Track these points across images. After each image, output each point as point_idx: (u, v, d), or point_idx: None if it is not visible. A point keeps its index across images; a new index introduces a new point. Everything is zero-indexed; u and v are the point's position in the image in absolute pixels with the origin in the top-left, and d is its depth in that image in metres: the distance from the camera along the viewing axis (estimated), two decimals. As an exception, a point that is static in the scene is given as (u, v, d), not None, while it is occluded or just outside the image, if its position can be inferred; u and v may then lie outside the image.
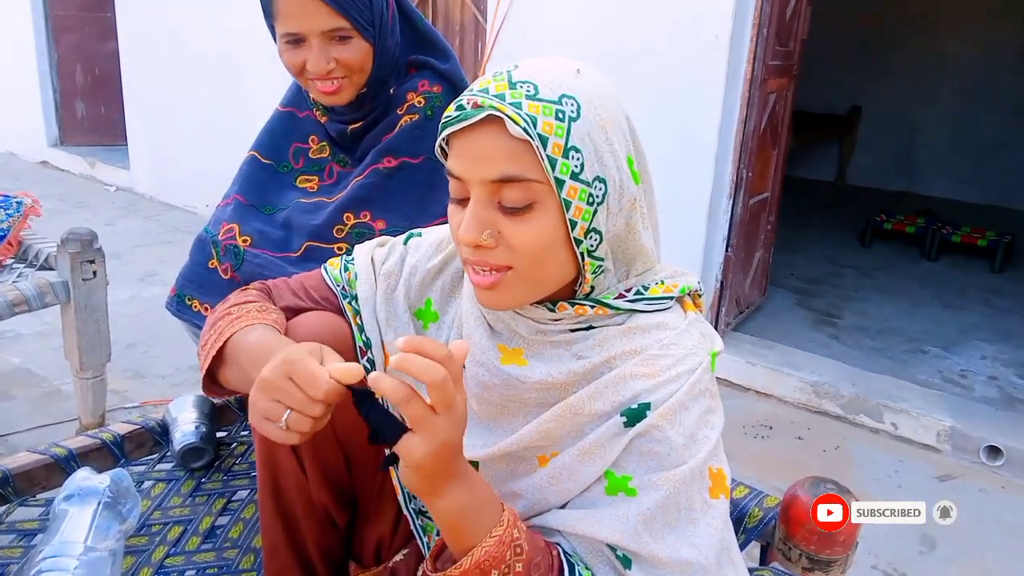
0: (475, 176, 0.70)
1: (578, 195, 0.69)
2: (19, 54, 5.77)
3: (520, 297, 0.75)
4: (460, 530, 0.69)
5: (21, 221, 2.05)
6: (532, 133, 0.67)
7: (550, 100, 0.68)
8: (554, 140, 0.67)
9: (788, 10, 2.78)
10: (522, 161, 0.68)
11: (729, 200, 2.80)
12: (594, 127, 0.70)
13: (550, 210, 0.70)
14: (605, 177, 0.71)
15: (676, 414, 0.72)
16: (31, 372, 2.57)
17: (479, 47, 3.46)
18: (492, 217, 0.71)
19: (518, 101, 0.67)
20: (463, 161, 0.71)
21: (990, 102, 5.60)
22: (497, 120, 0.68)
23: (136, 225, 4.52)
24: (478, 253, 0.72)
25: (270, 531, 0.95)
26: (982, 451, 2.35)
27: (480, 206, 0.70)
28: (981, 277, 4.09)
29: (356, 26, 1.24)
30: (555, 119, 0.68)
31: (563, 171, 0.68)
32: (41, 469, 1.18)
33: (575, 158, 0.68)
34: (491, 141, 0.68)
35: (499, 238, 0.71)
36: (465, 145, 0.70)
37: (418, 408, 0.62)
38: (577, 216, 0.70)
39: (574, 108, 0.69)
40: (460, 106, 0.70)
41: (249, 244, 1.35)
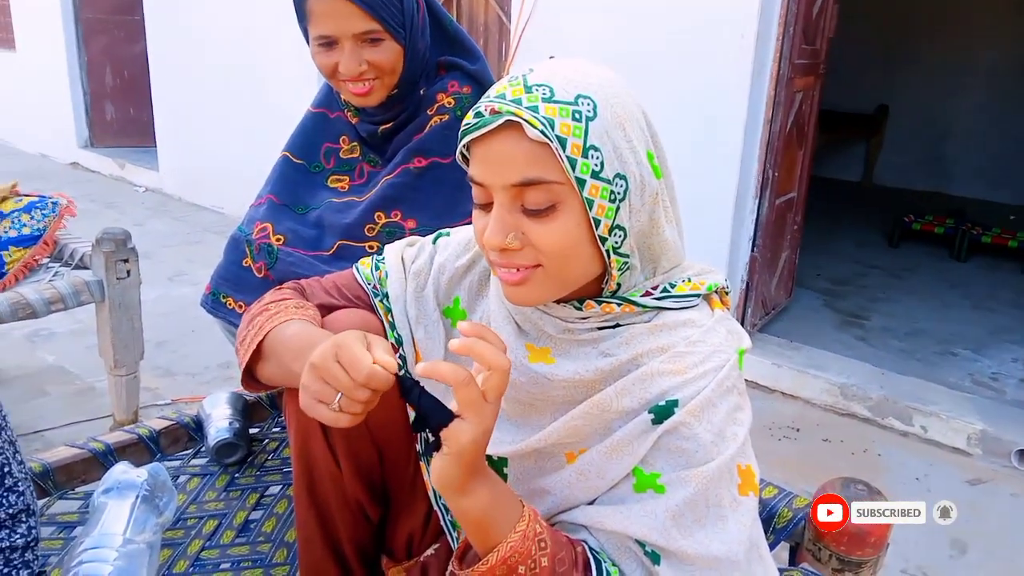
0: (497, 181, 0.71)
1: (600, 193, 0.70)
2: (50, 57, 5.89)
3: (547, 293, 0.75)
4: (485, 527, 0.70)
5: (57, 221, 2.10)
6: (550, 135, 0.67)
7: (566, 101, 0.69)
8: (572, 141, 0.68)
9: (815, 8, 2.76)
10: (542, 163, 0.69)
11: (755, 200, 2.79)
12: (612, 125, 0.71)
13: (573, 209, 0.70)
14: (625, 174, 0.71)
15: (704, 411, 0.73)
16: (65, 370, 2.62)
17: (503, 47, 3.47)
18: (516, 220, 0.71)
19: (535, 104, 0.68)
20: (484, 167, 0.72)
21: (1020, 101, 5.50)
22: (515, 125, 0.68)
23: (165, 225, 4.58)
24: (504, 256, 0.73)
25: (305, 524, 0.97)
26: (1013, 455, 2.32)
27: (504, 210, 0.71)
28: (1012, 278, 4.02)
29: (387, 28, 1.26)
30: (572, 120, 0.68)
31: (583, 171, 0.69)
32: (80, 463, 1.21)
33: (594, 157, 0.69)
34: (511, 146, 0.69)
35: (524, 240, 0.72)
36: (485, 151, 0.71)
37: (474, 392, 0.65)
38: (600, 214, 0.70)
39: (590, 108, 0.70)
40: (478, 113, 0.71)
41: (282, 243, 1.37)
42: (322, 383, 0.69)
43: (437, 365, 0.64)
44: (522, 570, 0.69)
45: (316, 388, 0.69)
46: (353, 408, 0.68)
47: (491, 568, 0.69)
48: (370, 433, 0.92)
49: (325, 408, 0.69)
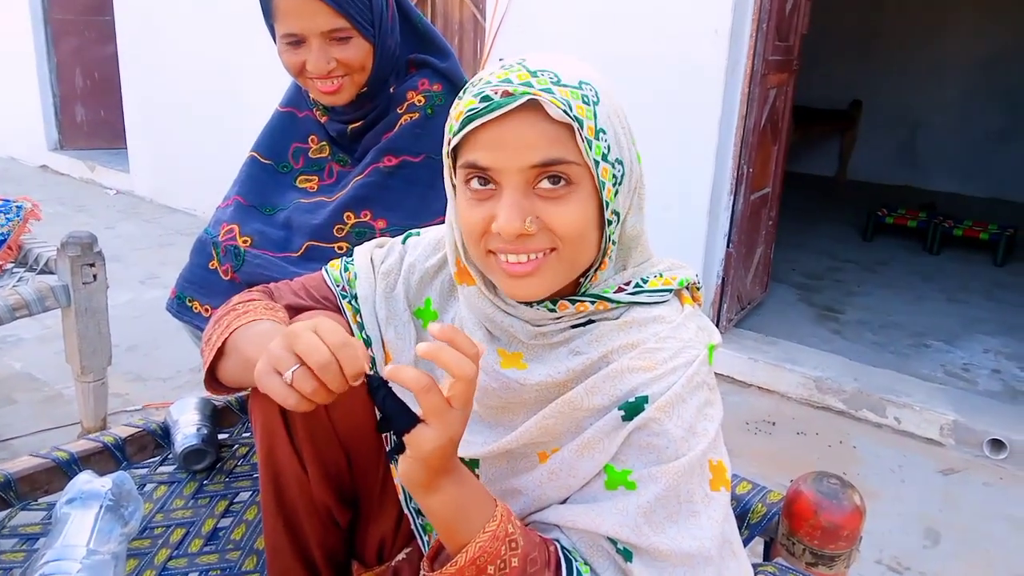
0: (513, 164, 0.69)
1: (608, 176, 0.71)
2: (19, 58, 5.78)
3: (554, 283, 0.74)
4: (454, 527, 0.69)
5: (21, 225, 2.06)
6: (571, 115, 0.68)
7: (573, 86, 0.69)
8: (588, 123, 0.69)
9: (788, 5, 2.78)
10: (563, 144, 0.69)
11: (730, 196, 2.80)
12: (611, 111, 0.72)
13: (585, 191, 0.71)
14: (623, 159, 0.73)
15: (674, 407, 0.73)
16: (32, 376, 2.57)
17: (478, 45, 3.46)
18: (531, 204, 0.70)
19: (548, 87, 0.68)
20: (496, 152, 0.69)
21: (991, 95, 5.59)
22: (531, 107, 0.68)
23: (136, 228, 4.52)
24: (519, 242, 0.71)
25: (272, 531, 0.95)
26: (985, 444, 2.35)
27: (519, 194, 0.70)
28: (983, 270, 4.08)
29: (356, 26, 1.24)
30: (583, 103, 0.69)
31: (597, 152, 0.70)
32: (43, 473, 1.18)
33: (604, 140, 0.70)
34: (530, 127, 0.68)
35: (539, 223, 0.71)
36: (497, 135, 0.69)
37: (437, 400, 0.63)
38: (608, 196, 0.71)
39: (594, 93, 0.71)
40: (486, 97, 0.68)
41: (250, 245, 1.35)
42: (285, 350, 0.66)
43: (400, 370, 0.62)
44: (491, 570, 0.68)
45: (277, 354, 0.66)
46: (304, 384, 0.65)
47: (460, 569, 0.68)
48: (338, 437, 0.91)
49: (278, 379, 0.66)
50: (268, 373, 0.66)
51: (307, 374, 0.65)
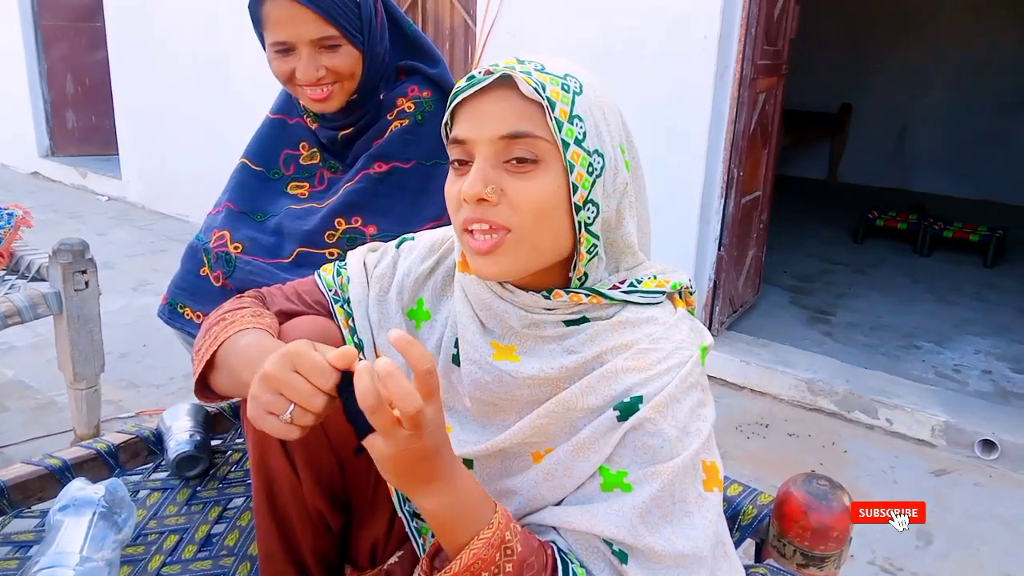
0: (484, 135, 0.73)
1: (580, 161, 0.73)
2: (9, 65, 5.77)
3: (518, 263, 0.75)
4: (449, 530, 0.69)
5: (12, 232, 2.05)
6: (543, 94, 0.71)
7: (556, 74, 0.74)
8: (561, 106, 0.72)
9: (776, 9, 2.80)
10: (531, 119, 0.72)
11: (721, 200, 2.81)
12: (594, 104, 0.75)
13: (553, 171, 0.73)
14: (603, 152, 0.75)
15: (668, 407, 0.73)
16: (25, 384, 2.56)
17: (469, 51, 3.47)
18: (497, 175, 0.73)
19: (528, 71, 0.73)
20: (472, 123, 0.74)
21: (980, 98, 5.63)
22: (507, 85, 0.73)
23: (128, 234, 4.51)
24: (479, 209, 0.73)
25: (265, 536, 0.95)
26: (976, 445, 2.36)
27: (487, 163, 0.74)
28: (973, 272, 4.11)
29: (345, 34, 1.25)
30: (561, 89, 0.73)
31: (568, 135, 0.72)
32: (36, 480, 1.18)
33: (579, 125, 0.73)
34: (502, 102, 0.73)
35: (501, 195, 0.73)
36: (475, 108, 0.74)
37: (384, 419, 0.61)
38: (579, 181, 0.73)
39: (577, 85, 0.74)
40: (471, 76, 0.74)
41: (241, 251, 1.35)
42: (273, 394, 0.66)
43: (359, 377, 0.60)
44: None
45: (267, 399, 0.66)
46: (304, 420, 0.66)
47: (455, 575, 0.68)
48: (330, 442, 0.91)
49: (275, 420, 0.66)
50: (263, 417, 0.67)
51: (302, 411, 0.66)
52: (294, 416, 0.66)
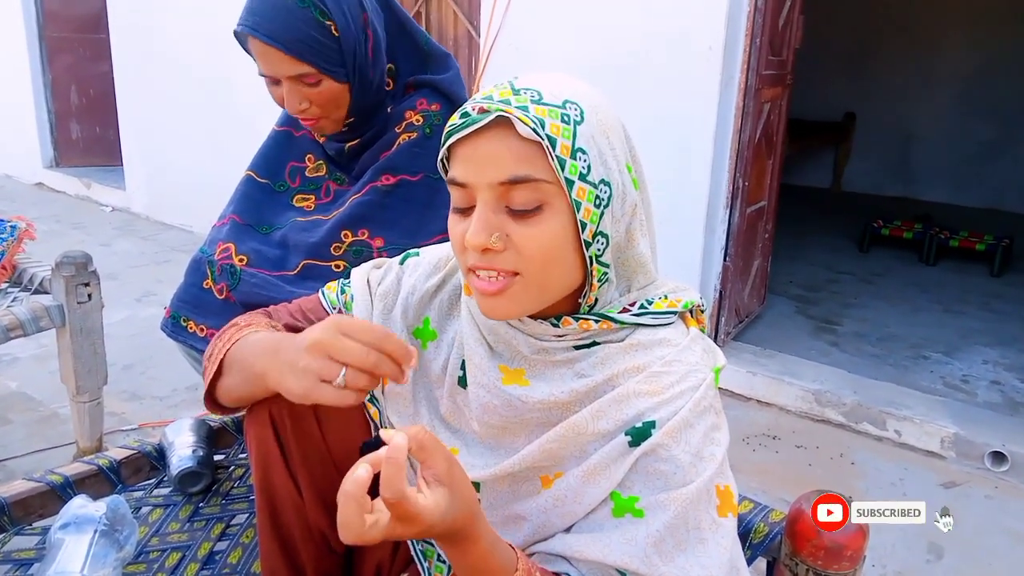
0: (483, 180, 0.70)
1: (586, 196, 0.70)
2: (13, 76, 5.79)
3: (525, 305, 0.74)
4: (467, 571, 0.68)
5: (15, 245, 2.04)
6: (541, 134, 0.67)
7: (555, 104, 0.69)
8: (562, 141, 0.68)
9: (780, 19, 2.79)
10: (531, 162, 0.68)
11: (726, 210, 2.80)
12: (597, 131, 0.71)
13: (559, 212, 0.70)
14: (610, 180, 0.72)
15: (681, 432, 0.72)
16: (28, 396, 2.55)
17: (473, 62, 3.47)
18: (500, 221, 0.70)
19: (524, 105, 0.68)
20: (469, 166, 0.70)
21: (985, 106, 5.62)
22: (505, 123, 0.68)
23: (132, 245, 4.51)
24: (485, 258, 0.71)
25: (269, 555, 0.94)
26: (987, 457, 2.34)
27: (488, 209, 0.70)
28: (980, 281, 4.08)
29: (322, 71, 1.23)
30: (561, 122, 0.68)
31: (572, 172, 0.68)
32: (37, 497, 1.16)
33: (582, 159, 0.69)
34: (499, 143, 0.69)
35: (507, 241, 0.70)
36: (472, 151, 0.70)
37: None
38: (586, 218, 0.70)
39: (578, 112, 0.70)
40: (465, 114, 0.70)
41: (245, 263, 1.34)
42: (324, 359, 0.66)
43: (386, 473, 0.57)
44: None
45: (318, 365, 0.67)
46: (359, 381, 0.66)
47: None
48: (334, 462, 0.90)
49: (329, 388, 0.66)
50: (316, 386, 0.67)
51: (356, 373, 0.66)
52: (348, 379, 0.66)
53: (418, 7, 3.59)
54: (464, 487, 0.64)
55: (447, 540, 0.65)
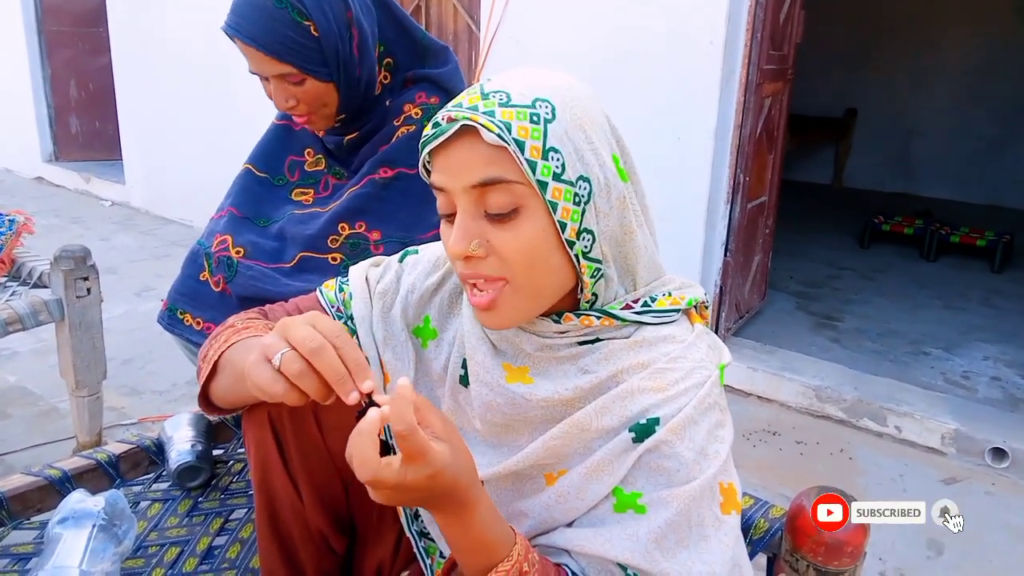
0: (457, 185, 0.70)
1: (563, 196, 0.69)
2: (12, 70, 5.77)
3: (521, 313, 0.73)
4: (463, 553, 0.68)
5: (14, 239, 2.04)
6: (507, 138, 0.67)
7: (523, 105, 0.69)
8: (531, 143, 0.67)
9: (781, 14, 2.78)
10: (501, 164, 0.68)
11: (727, 205, 2.79)
12: (571, 127, 0.70)
13: (536, 214, 0.69)
14: (588, 176, 0.71)
15: (686, 429, 0.71)
16: (27, 390, 2.55)
17: (472, 56, 3.46)
18: (480, 227, 0.70)
19: (491, 110, 0.68)
20: (444, 174, 0.71)
21: (985, 102, 5.61)
22: (473, 130, 0.68)
23: (132, 239, 4.50)
24: (470, 265, 0.71)
25: (267, 556, 0.93)
26: (987, 453, 2.34)
27: (467, 217, 0.70)
28: (981, 277, 4.08)
29: (303, 70, 1.23)
30: (530, 123, 0.68)
31: (544, 173, 0.68)
32: (35, 491, 1.16)
33: (555, 159, 0.68)
34: (468, 149, 0.69)
35: (489, 247, 0.70)
36: (444, 159, 0.71)
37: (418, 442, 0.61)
38: (565, 217, 0.69)
39: (548, 110, 0.69)
40: (436, 123, 0.71)
41: (242, 255, 1.34)
42: (279, 339, 0.65)
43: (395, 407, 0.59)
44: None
45: (268, 342, 0.65)
46: (292, 366, 0.63)
47: None
48: (333, 463, 0.90)
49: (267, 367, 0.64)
50: (258, 362, 0.65)
51: (295, 356, 0.63)
52: (283, 361, 0.63)
53: (418, 1, 3.58)
54: (463, 446, 0.65)
55: (448, 503, 0.65)
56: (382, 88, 1.37)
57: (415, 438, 0.59)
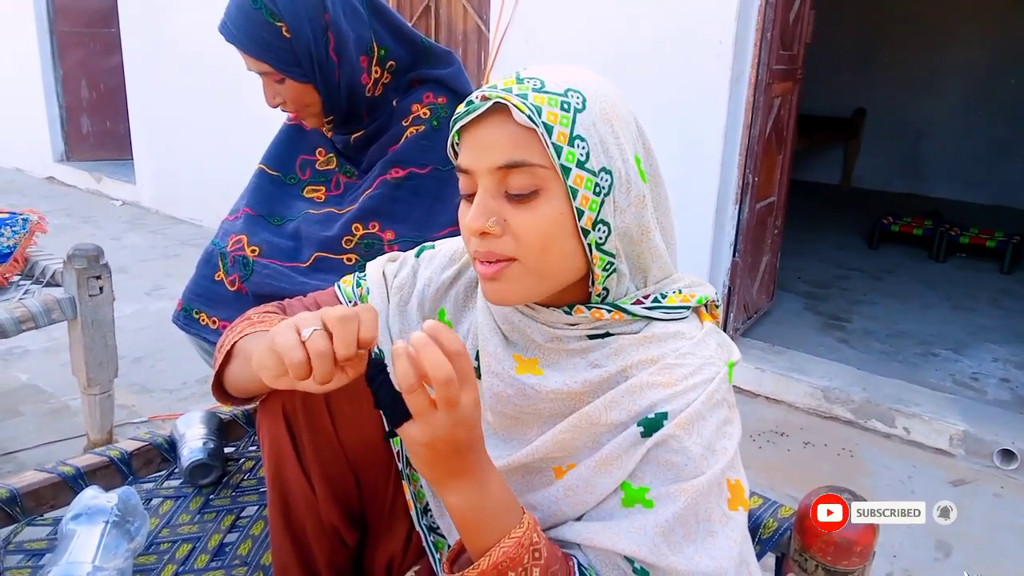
0: (482, 165, 0.71)
1: (584, 184, 0.70)
2: (25, 70, 5.81)
3: (526, 290, 0.74)
4: (474, 530, 0.68)
5: (27, 238, 2.06)
6: (537, 120, 0.68)
7: (556, 92, 0.70)
8: (559, 128, 0.69)
9: (791, 14, 2.78)
10: (527, 147, 0.69)
11: (736, 205, 2.79)
12: (599, 119, 0.71)
13: (556, 198, 0.70)
14: (611, 168, 0.72)
15: (694, 424, 0.72)
16: (39, 388, 2.57)
17: (482, 56, 3.46)
18: (499, 206, 0.71)
19: (524, 93, 0.69)
20: (471, 152, 0.72)
21: (995, 103, 5.58)
22: (504, 110, 0.70)
23: (142, 239, 4.53)
24: (484, 242, 0.72)
25: (280, 549, 0.94)
26: (996, 455, 2.33)
27: (488, 195, 0.71)
28: (990, 278, 4.06)
29: (279, 69, 1.27)
30: (560, 109, 0.69)
31: (569, 159, 0.69)
32: (48, 488, 1.17)
33: (580, 146, 0.69)
34: (498, 129, 0.70)
35: (505, 226, 0.71)
36: (473, 137, 0.72)
37: (420, 400, 0.62)
38: (584, 205, 0.70)
39: (579, 100, 0.70)
40: (469, 102, 0.72)
41: (258, 254, 1.35)
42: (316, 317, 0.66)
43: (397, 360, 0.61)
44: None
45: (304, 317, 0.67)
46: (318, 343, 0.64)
47: (481, 572, 0.67)
48: (346, 456, 0.90)
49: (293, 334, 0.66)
50: (286, 328, 0.66)
51: (323, 336, 0.65)
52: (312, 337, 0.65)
53: (427, 1, 3.59)
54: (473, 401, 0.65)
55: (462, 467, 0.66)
56: (384, 89, 1.38)
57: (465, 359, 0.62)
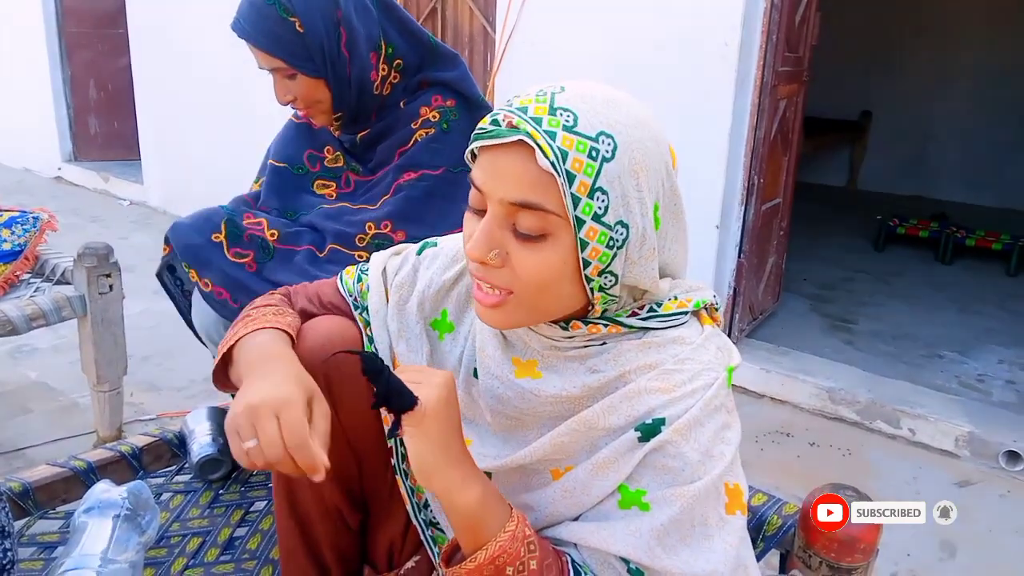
0: (496, 193, 0.69)
1: (597, 237, 0.68)
2: (33, 71, 5.84)
3: (518, 321, 0.75)
4: (473, 526, 0.70)
5: (38, 236, 2.08)
6: (560, 168, 0.65)
7: (587, 135, 0.66)
8: (581, 178, 0.66)
9: (797, 16, 2.78)
10: (545, 192, 0.67)
11: (741, 207, 2.79)
12: (626, 171, 0.68)
13: (563, 244, 0.69)
14: (628, 223, 0.69)
15: (691, 430, 0.72)
16: (48, 386, 2.58)
17: (488, 58, 3.48)
18: (503, 237, 0.70)
19: (554, 131, 0.66)
20: (487, 175, 0.70)
21: (1001, 105, 5.56)
22: (529, 144, 0.66)
23: (149, 238, 4.54)
24: (482, 270, 0.72)
25: (286, 534, 0.96)
26: (1001, 456, 2.33)
27: (494, 223, 0.70)
28: (996, 280, 4.05)
29: (292, 64, 1.28)
30: (588, 157, 0.66)
31: (585, 211, 0.67)
32: (61, 482, 1.19)
33: (600, 199, 0.67)
34: (518, 164, 0.67)
35: (506, 259, 0.70)
36: (492, 161, 0.69)
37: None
38: (593, 257, 0.69)
39: (609, 148, 0.67)
40: (495, 120, 0.68)
41: (276, 239, 1.37)
42: (248, 423, 0.70)
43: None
44: (510, 571, 0.68)
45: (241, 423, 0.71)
46: (257, 459, 0.70)
47: (479, 566, 0.68)
48: (347, 439, 0.91)
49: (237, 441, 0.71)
50: (231, 434, 0.72)
51: (260, 452, 0.70)
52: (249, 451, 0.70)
53: (434, 3, 3.60)
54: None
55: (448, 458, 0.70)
56: (392, 88, 1.40)
57: None
